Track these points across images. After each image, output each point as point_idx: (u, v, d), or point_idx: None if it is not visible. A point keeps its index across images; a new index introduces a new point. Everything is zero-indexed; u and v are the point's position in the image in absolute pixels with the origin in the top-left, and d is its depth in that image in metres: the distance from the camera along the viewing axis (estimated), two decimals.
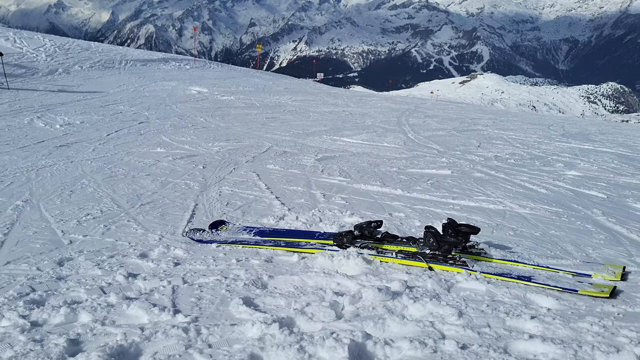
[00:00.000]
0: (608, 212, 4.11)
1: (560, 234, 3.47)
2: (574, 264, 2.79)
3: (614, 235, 3.49)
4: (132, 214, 3.79)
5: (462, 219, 3.82)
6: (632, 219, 3.95)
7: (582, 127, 15.27)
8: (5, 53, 19.77)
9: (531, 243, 3.26)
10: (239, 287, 2.41)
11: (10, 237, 3.18)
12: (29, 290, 2.34)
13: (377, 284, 2.37)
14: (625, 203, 4.56)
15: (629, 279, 2.63)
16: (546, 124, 15.28)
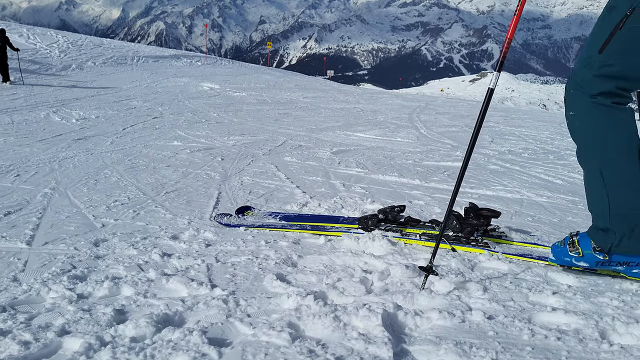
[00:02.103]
0: None
1: (577, 220, 3.57)
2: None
3: None
4: (159, 201, 3.91)
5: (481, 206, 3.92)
6: None
7: None
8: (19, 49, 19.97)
9: (550, 228, 3.35)
10: (271, 265, 2.51)
11: (44, 221, 3.29)
12: (70, 267, 2.45)
13: (403, 262, 2.47)
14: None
15: None
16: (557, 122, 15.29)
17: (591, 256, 2.35)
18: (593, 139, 2.26)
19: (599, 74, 2.19)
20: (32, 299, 2.10)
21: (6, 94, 12.66)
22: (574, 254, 2.39)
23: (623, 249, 2.28)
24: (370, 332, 1.78)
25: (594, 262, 2.35)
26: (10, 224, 3.20)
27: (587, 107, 2.25)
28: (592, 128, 2.25)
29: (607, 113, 2.21)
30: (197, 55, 31.42)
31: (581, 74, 2.26)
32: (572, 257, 2.40)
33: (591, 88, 2.22)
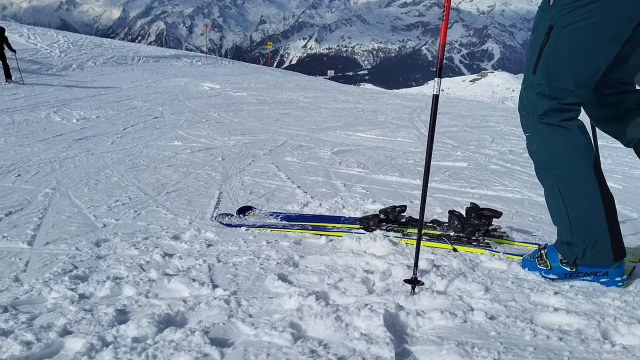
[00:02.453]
0: (624, 202, 4.20)
1: None
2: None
3: (632, 223, 3.59)
4: (160, 201, 3.91)
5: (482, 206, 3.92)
6: None
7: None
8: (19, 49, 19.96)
9: (551, 228, 3.35)
10: (272, 266, 2.52)
11: (45, 221, 3.30)
12: (71, 267, 2.45)
13: (405, 262, 2.47)
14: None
15: None
16: None
17: (559, 268, 2.40)
18: (545, 157, 2.33)
19: (539, 93, 2.27)
20: (34, 299, 2.11)
21: (7, 94, 12.66)
22: (542, 267, 2.44)
23: (587, 260, 2.33)
24: (372, 332, 1.78)
25: (562, 274, 2.39)
26: (11, 224, 3.20)
27: (537, 128, 2.33)
28: (544, 147, 2.32)
29: (556, 131, 2.28)
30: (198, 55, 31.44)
31: (525, 96, 2.35)
32: (541, 270, 2.44)
33: (536, 108, 2.30)
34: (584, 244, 2.31)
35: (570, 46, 2.16)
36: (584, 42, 2.15)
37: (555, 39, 2.17)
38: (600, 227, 2.27)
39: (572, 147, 2.27)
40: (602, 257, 2.31)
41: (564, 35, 2.16)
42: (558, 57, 2.19)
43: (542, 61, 2.22)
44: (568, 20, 2.14)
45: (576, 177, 2.27)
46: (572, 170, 2.27)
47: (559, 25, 2.16)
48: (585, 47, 2.16)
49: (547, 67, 2.22)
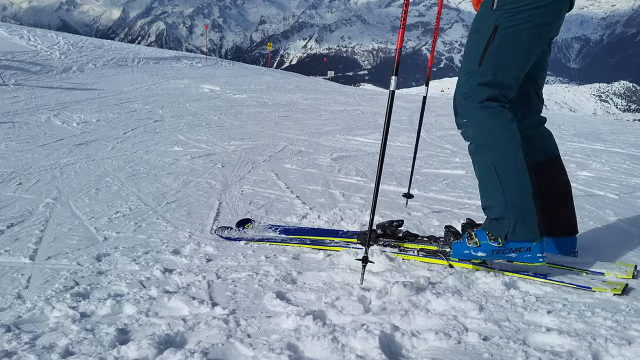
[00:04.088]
0: (620, 213, 4.23)
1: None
2: (587, 262, 2.92)
3: (625, 235, 3.62)
4: (160, 212, 3.94)
5: (479, 219, 3.94)
6: None
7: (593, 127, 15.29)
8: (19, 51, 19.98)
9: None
10: (271, 282, 2.55)
11: (46, 234, 3.33)
12: (73, 283, 2.49)
13: (401, 280, 2.51)
14: (637, 204, 4.68)
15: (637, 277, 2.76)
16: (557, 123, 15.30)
17: (487, 245, 2.63)
18: (485, 138, 2.62)
19: (483, 83, 2.59)
20: (36, 317, 2.14)
21: (7, 97, 12.65)
22: (471, 245, 2.66)
23: (517, 235, 2.57)
24: (367, 354, 1.82)
25: (490, 251, 2.62)
26: (13, 237, 3.24)
27: (477, 112, 2.62)
28: (484, 129, 2.62)
29: (495, 115, 2.60)
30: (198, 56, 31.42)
31: (467, 85, 2.65)
32: (471, 248, 2.66)
33: (478, 95, 2.61)
34: (514, 219, 2.56)
35: (512, 44, 2.55)
36: (522, 41, 2.55)
37: (499, 38, 2.53)
38: (528, 204, 2.55)
39: (508, 129, 2.58)
40: (529, 231, 2.56)
41: (507, 35, 2.53)
42: (502, 53, 2.55)
43: (487, 56, 2.56)
44: (511, 22, 2.52)
45: (511, 157, 2.56)
46: (508, 150, 2.57)
47: (504, 25, 2.53)
48: (523, 47, 2.56)
49: (492, 61, 2.56)
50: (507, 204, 2.56)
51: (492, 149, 2.60)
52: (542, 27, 2.57)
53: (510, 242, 2.60)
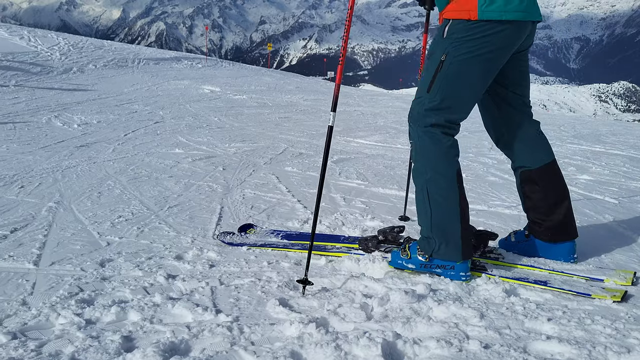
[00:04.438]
0: (619, 218, 4.25)
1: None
2: (587, 269, 2.95)
3: (625, 241, 3.63)
4: (162, 217, 3.97)
5: (479, 224, 3.98)
6: None
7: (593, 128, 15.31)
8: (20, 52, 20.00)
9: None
10: (273, 289, 2.58)
11: (50, 239, 3.35)
12: (77, 290, 2.51)
13: (403, 286, 2.54)
14: (636, 209, 4.70)
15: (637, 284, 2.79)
16: (557, 124, 15.31)
17: (416, 259, 2.84)
18: (422, 162, 2.79)
19: (429, 108, 2.72)
20: (42, 324, 2.17)
21: (7, 98, 12.64)
22: (404, 257, 2.87)
23: (441, 255, 2.77)
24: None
25: (418, 264, 2.84)
26: (17, 242, 3.26)
27: (421, 136, 2.77)
28: (424, 153, 2.77)
29: (436, 141, 2.74)
30: (198, 57, 31.43)
31: (416, 110, 2.79)
32: (403, 259, 2.87)
33: (424, 120, 2.75)
34: (439, 240, 2.75)
35: (460, 72, 2.64)
36: (470, 70, 2.65)
37: (447, 65, 2.64)
38: (454, 228, 2.74)
39: (444, 156, 2.74)
40: (452, 253, 2.75)
41: (455, 63, 2.63)
42: (450, 81, 2.65)
43: (435, 83, 2.68)
44: (459, 51, 2.62)
45: (443, 182, 2.73)
46: (441, 177, 2.73)
47: (452, 54, 2.63)
48: (471, 75, 2.67)
49: (440, 88, 2.68)
50: (432, 226, 2.77)
51: (426, 173, 2.76)
52: (493, 54, 2.66)
53: (435, 259, 2.80)
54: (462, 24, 2.60)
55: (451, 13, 2.64)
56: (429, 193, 2.75)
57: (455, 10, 2.62)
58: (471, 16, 2.57)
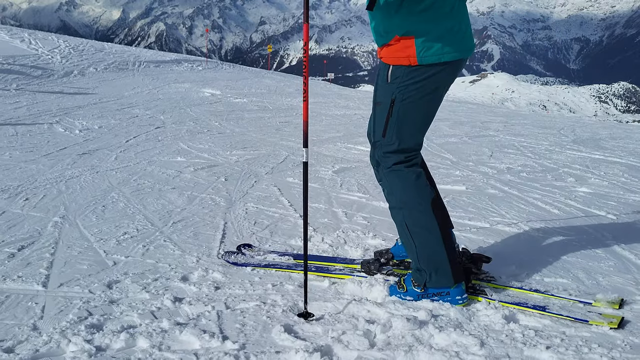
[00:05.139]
0: (617, 236, 4.30)
1: (572, 259, 3.67)
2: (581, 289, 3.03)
3: (622, 262, 3.68)
4: (167, 233, 4.02)
5: (479, 242, 4.03)
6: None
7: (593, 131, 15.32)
8: (21, 55, 20.05)
9: (545, 270, 3.46)
10: (278, 314, 2.63)
11: (57, 257, 3.41)
12: (86, 314, 2.57)
13: (405, 312, 2.60)
14: (635, 225, 4.75)
15: (634, 309, 2.84)
16: (557, 128, 15.35)
17: (413, 291, 2.94)
18: (395, 199, 2.95)
19: (388, 152, 2.92)
20: (53, 351, 2.22)
21: (9, 102, 12.67)
22: (400, 290, 2.97)
23: (434, 283, 2.88)
24: None
25: (415, 295, 2.93)
26: (24, 261, 3.32)
27: (387, 177, 2.96)
28: (394, 191, 2.95)
29: (402, 177, 2.92)
30: (198, 59, 31.47)
31: (377, 155, 3.00)
32: (400, 293, 2.96)
33: (386, 162, 2.94)
34: (429, 270, 2.86)
35: (410, 114, 2.84)
36: (418, 109, 2.85)
37: (397, 109, 2.83)
38: (440, 256, 2.84)
39: (414, 190, 2.91)
40: (444, 280, 2.85)
41: (404, 106, 2.82)
42: (402, 123, 2.85)
43: (389, 127, 2.87)
44: (405, 95, 2.80)
45: (418, 215, 2.87)
46: (415, 209, 2.88)
47: (399, 98, 2.81)
48: (420, 113, 2.87)
49: (394, 132, 2.87)
50: (419, 258, 2.88)
51: (402, 209, 2.92)
52: (435, 93, 2.88)
53: (429, 288, 2.90)
54: (404, 69, 2.78)
55: (392, 60, 2.81)
56: (408, 227, 2.89)
57: (395, 57, 2.79)
58: (411, 62, 2.75)
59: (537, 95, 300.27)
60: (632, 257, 3.75)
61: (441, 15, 2.73)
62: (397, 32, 2.75)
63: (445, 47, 2.74)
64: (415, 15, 2.70)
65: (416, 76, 2.77)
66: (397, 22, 2.74)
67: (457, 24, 2.81)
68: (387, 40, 2.81)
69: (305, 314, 2.64)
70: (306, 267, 2.77)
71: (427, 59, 2.73)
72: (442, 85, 2.88)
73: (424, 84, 2.79)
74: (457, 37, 2.80)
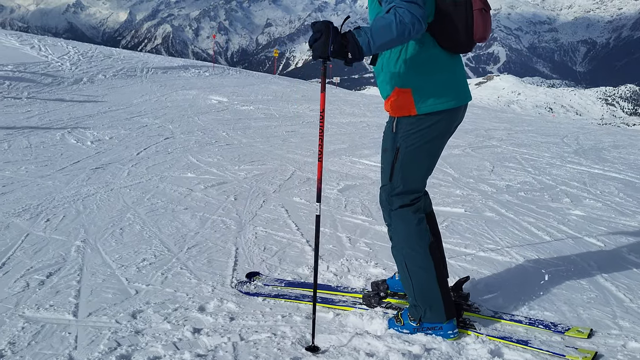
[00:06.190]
0: (602, 266, 4.57)
1: (557, 291, 3.95)
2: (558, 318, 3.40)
3: (604, 294, 3.96)
4: (182, 260, 4.32)
5: (472, 272, 4.32)
6: (623, 274, 4.40)
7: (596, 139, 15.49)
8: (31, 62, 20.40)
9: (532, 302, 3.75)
10: (288, 346, 2.94)
11: (83, 285, 3.71)
12: (115, 345, 2.87)
13: (401, 346, 2.90)
14: (620, 254, 5.01)
15: (608, 343, 3.13)
16: (560, 135, 15.52)
17: (409, 325, 3.24)
18: (398, 239, 3.24)
19: (394, 194, 3.21)
20: None
21: (21, 112, 12.93)
22: (398, 324, 3.27)
23: (428, 318, 3.18)
24: None
25: (411, 329, 3.23)
26: (54, 289, 3.62)
27: (393, 217, 3.25)
28: (398, 232, 3.24)
29: (406, 221, 3.19)
30: (205, 65, 31.76)
31: (384, 197, 3.28)
32: (398, 326, 3.27)
33: (393, 205, 3.23)
34: (424, 306, 3.17)
35: (413, 159, 3.14)
36: (421, 155, 3.15)
37: (402, 155, 3.13)
38: (435, 294, 3.15)
39: (416, 234, 3.17)
40: (437, 316, 3.16)
41: (408, 153, 3.13)
42: (406, 168, 3.14)
43: (395, 172, 3.17)
44: (408, 142, 3.11)
45: (417, 256, 3.15)
46: (415, 250, 3.15)
47: (403, 146, 3.13)
48: (422, 159, 3.17)
49: (399, 176, 3.16)
50: (416, 295, 3.19)
51: (403, 248, 3.20)
52: (436, 140, 3.17)
53: (424, 323, 3.21)
54: (406, 119, 3.10)
55: (396, 112, 3.14)
56: (407, 266, 3.18)
57: (398, 109, 3.12)
58: (411, 112, 3.07)
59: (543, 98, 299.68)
60: (613, 288, 4.04)
61: (436, 69, 3.05)
62: (397, 84, 3.08)
63: (440, 97, 3.06)
64: (412, 69, 3.03)
65: (418, 125, 3.08)
66: (396, 75, 3.07)
67: (452, 75, 3.13)
68: (389, 92, 3.14)
69: (313, 347, 2.95)
70: (315, 310, 3.08)
71: (425, 109, 3.05)
72: (443, 132, 3.17)
73: (425, 132, 3.09)
74: (451, 87, 3.11)
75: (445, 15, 2.94)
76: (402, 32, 2.64)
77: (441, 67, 3.07)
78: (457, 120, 3.24)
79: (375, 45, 2.66)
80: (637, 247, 5.19)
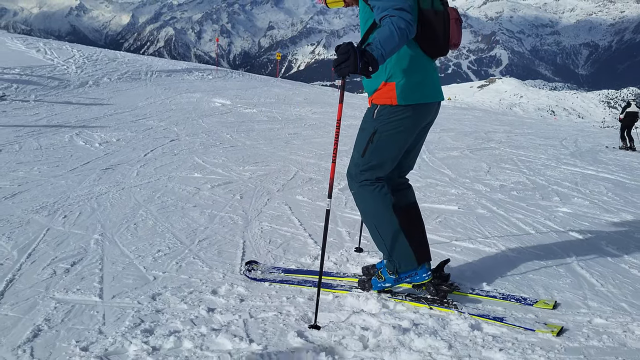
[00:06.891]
0: (580, 256, 4.93)
1: (536, 277, 4.33)
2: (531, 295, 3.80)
3: (578, 279, 4.33)
4: (195, 251, 4.69)
5: (461, 261, 4.69)
6: (598, 263, 4.79)
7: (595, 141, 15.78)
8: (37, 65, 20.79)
9: (511, 286, 4.13)
10: (292, 322, 3.31)
11: (105, 272, 4.07)
12: (139, 321, 3.23)
13: (392, 321, 3.27)
14: (599, 246, 5.37)
15: (576, 320, 3.51)
16: (560, 138, 15.79)
17: (389, 278, 3.74)
18: (365, 208, 3.70)
19: (363, 169, 3.63)
20: (119, 350, 2.89)
21: (29, 114, 13.20)
22: (380, 281, 3.78)
23: (403, 268, 3.67)
24: None
25: (392, 281, 3.73)
26: (79, 276, 3.98)
27: (358, 189, 3.69)
28: (362, 199, 3.69)
29: (370, 191, 3.62)
30: (209, 68, 32.12)
31: (353, 170, 3.69)
32: (380, 282, 3.79)
33: (359, 178, 3.66)
34: (397, 258, 3.64)
35: (386, 143, 3.55)
36: (394, 140, 3.56)
37: (377, 138, 3.55)
38: (403, 244, 3.62)
39: (379, 199, 3.61)
40: (410, 264, 3.66)
41: (382, 137, 3.54)
42: (378, 150, 3.56)
43: (368, 150, 3.58)
44: (385, 128, 3.53)
45: (384, 218, 3.60)
46: (382, 214, 3.61)
47: (380, 130, 3.53)
48: (394, 144, 3.57)
49: (371, 154, 3.57)
50: (388, 250, 3.64)
51: (370, 215, 3.66)
52: (410, 129, 3.58)
53: (401, 273, 3.69)
54: (387, 108, 3.50)
55: (379, 100, 3.54)
56: (377, 229, 3.63)
57: (382, 98, 3.52)
58: (392, 102, 3.48)
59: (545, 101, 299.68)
60: (587, 275, 4.41)
61: (416, 69, 3.51)
62: (384, 79, 3.52)
63: (417, 92, 3.52)
64: (398, 67, 3.48)
65: (395, 114, 3.50)
66: (385, 72, 3.51)
67: (429, 75, 3.59)
68: (378, 85, 3.56)
69: (315, 326, 3.30)
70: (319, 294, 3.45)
71: (404, 101, 3.48)
72: (415, 124, 3.59)
73: (400, 121, 3.51)
74: (427, 85, 3.57)
75: (427, 23, 3.42)
76: (402, 36, 3.11)
77: (420, 68, 3.52)
78: (429, 115, 3.67)
79: (386, 55, 3.11)
80: (615, 240, 5.56)
